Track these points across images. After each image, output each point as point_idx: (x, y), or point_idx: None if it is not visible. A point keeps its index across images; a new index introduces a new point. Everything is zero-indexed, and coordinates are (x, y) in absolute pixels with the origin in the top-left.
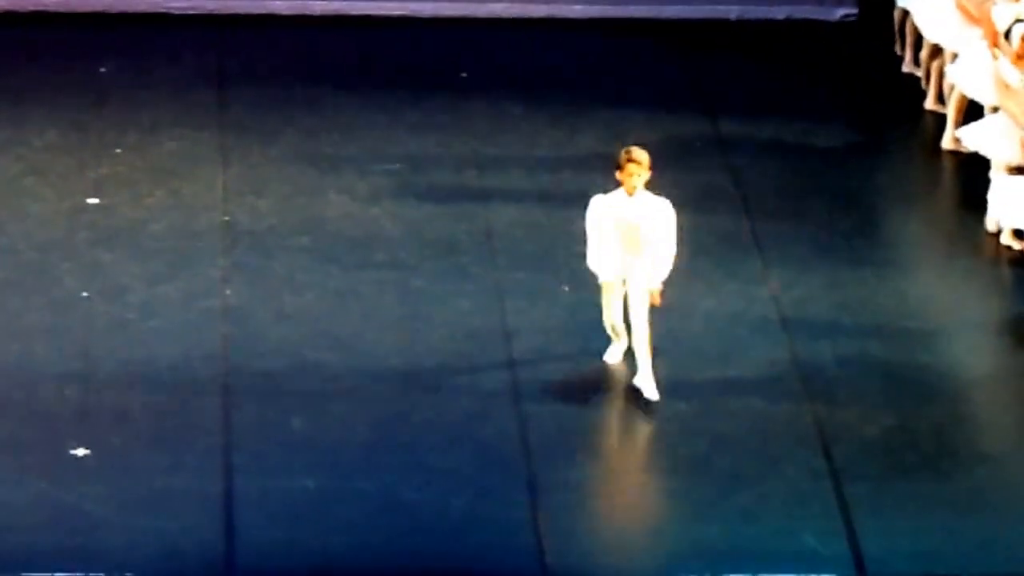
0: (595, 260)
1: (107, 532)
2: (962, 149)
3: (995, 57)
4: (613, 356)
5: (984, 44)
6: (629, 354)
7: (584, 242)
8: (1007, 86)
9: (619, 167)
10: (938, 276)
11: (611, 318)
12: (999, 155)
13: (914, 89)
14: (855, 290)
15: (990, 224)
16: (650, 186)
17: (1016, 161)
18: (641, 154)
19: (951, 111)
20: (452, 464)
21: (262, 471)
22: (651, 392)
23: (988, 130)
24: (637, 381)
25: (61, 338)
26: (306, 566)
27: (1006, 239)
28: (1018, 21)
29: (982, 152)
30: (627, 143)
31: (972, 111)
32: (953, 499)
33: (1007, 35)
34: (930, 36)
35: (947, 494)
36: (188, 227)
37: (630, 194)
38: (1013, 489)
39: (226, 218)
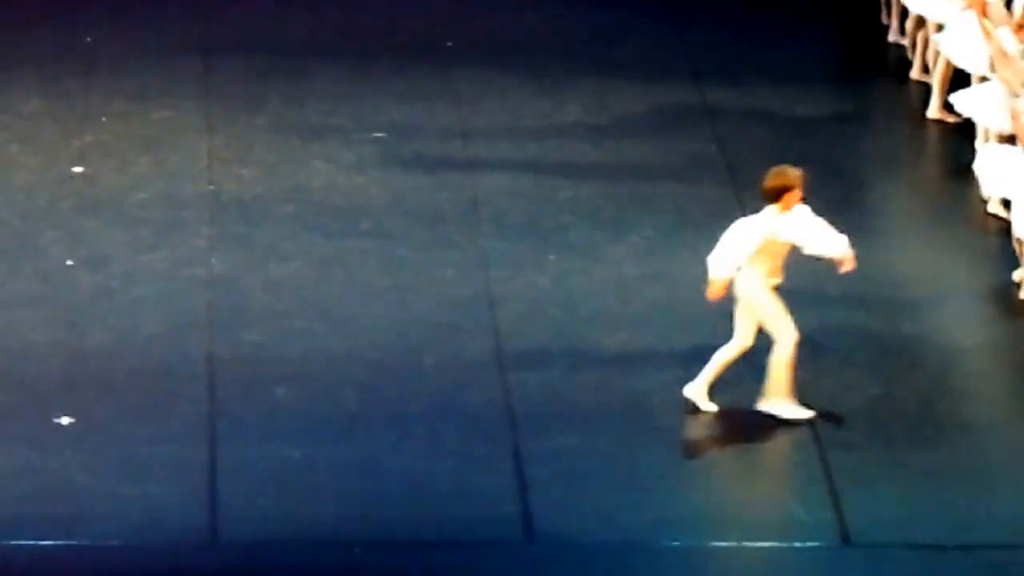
0: (722, 262)
1: (91, 500)
2: (948, 119)
3: (984, 27)
4: None
5: (969, 13)
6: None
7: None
8: (1004, 54)
9: (788, 188)
10: (924, 245)
11: None
12: (991, 123)
13: (900, 59)
14: None
15: (985, 192)
16: (636, 154)
17: (1007, 129)
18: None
19: (936, 81)
20: (437, 433)
21: (246, 440)
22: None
23: (981, 98)
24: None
25: (46, 307)
26: (290, 534)
27: (993, 208)
28: None
29: (975, 119)
30: (613, 112)
31: (957, 81)
32: (938, 468)
33: (1008, 4)
34: (912, 6)
35: (932, 463)
36: (173, 196)
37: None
38: (997, 458)
39: (211, 187)
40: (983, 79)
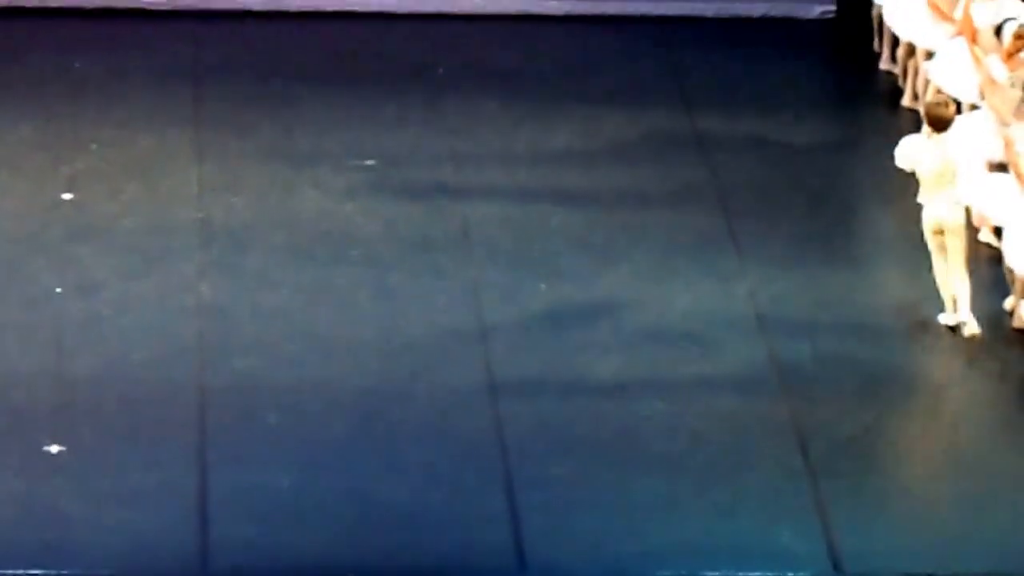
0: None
1: (82, 529)
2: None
3: (974, 54)
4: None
5: (959, 41)
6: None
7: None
8: (992, 82)
9: None
10: (916, 273)
11: None
12: (981, 151)
13: (892, 86)
14: (832, 287)
15: (976, 220)
16: (627, 181)
17: (997, 157)
18: None
19: None
20: (428, 461)
21: (237, 468)
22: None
23: (970, 127)
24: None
25: (35, 334)
26: (281, 563)
27: (984, 236)
28: (1008, 19)
29: (964, 149)
30: (604, 139)
31: None
32: (930, 497)
33: (997, 32)
34: (901, 33)
35: (924, 492)
36: (163, 223)
37: None
38: (989, 487)
39: (201, 214)
40: (973, 107)
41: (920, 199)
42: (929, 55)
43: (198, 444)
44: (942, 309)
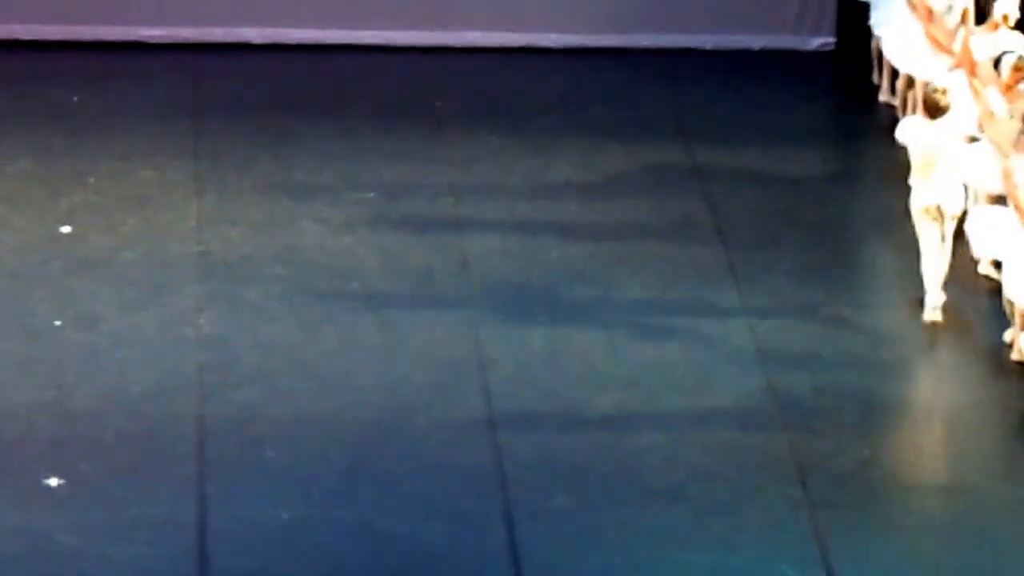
0: None
1: (81, 562)
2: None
3: (973, 87)
4: None
5: (958, 73)
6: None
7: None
8: (991, 115)
9: None
10: (915, 306)
11: None
12: (980, 184)
13: (891, 118)
14: (831, 320)
15: (975, 252)
16: (626, 214)
17: (997, 190)
18: None
19: None
20: (428, 494)
21: (236, 501)
22: None
23: (970, 158)
24: None
25: (34, 367)
26: None
27: (984, 268)
28: (1006, 52)
29: (963, 180)
30: (603, 172)
31: None
32: (929, 529)
33: (996, 65)
34: (900, 65)
35: (923, 524)
36: (162, 256)
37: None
38: (989, 519)
39: (200, 247)
40: (972, 139)
41: (911, 181)
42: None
43: (197, 477)
44: (942, 340)
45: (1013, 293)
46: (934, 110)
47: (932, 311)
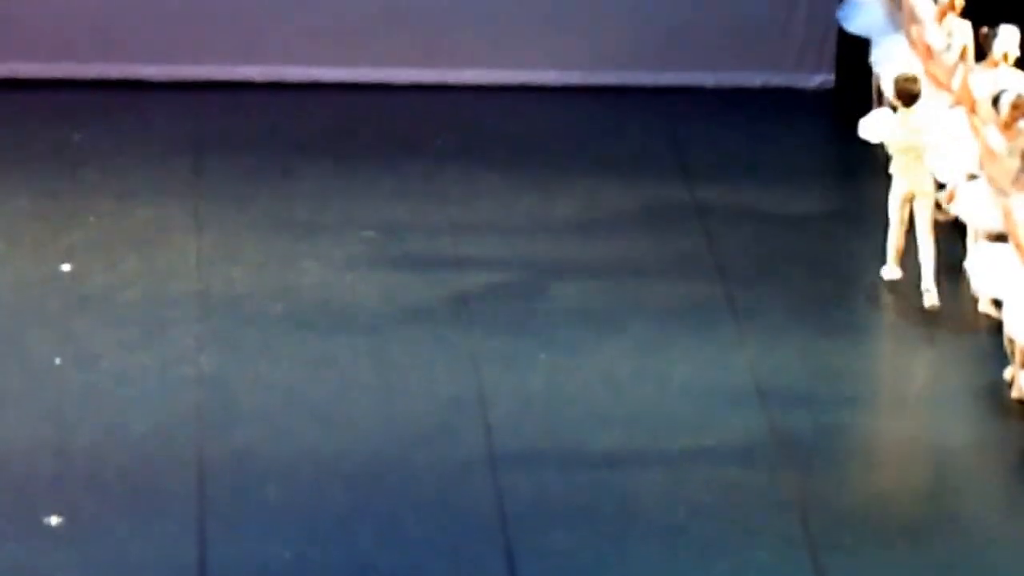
0: None
1: None
2: (939, 217)
3: (973, 124)
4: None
5: (957, 111)
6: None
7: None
8: (991, 152)
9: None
10: (915, 344)
11: None
12: (980, 222)
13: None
14: (831, 357)
15: (975, 290)
16: (626, 252)
17: (997, 228)
18: None
19: None
20: (429, 533)
21: (237, 539)
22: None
23: (970, 196)
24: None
25: (34, 406)
26: None
27: (984, 306)
28: (1005, 90)
29: (964, 219)
30: (603, 209)
31: None
32: (930, 568)
33: (995, 102)
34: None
35: (924, 563)
36: (162, 294)
37: None
38: (990, 557)
39: (200, 285)
40: (972, 177)
41: (892, 170)
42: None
43: (198, 515)
44: (942, 378)
45: (1014, 331)
46: (908, 98)
47: (889, 273)
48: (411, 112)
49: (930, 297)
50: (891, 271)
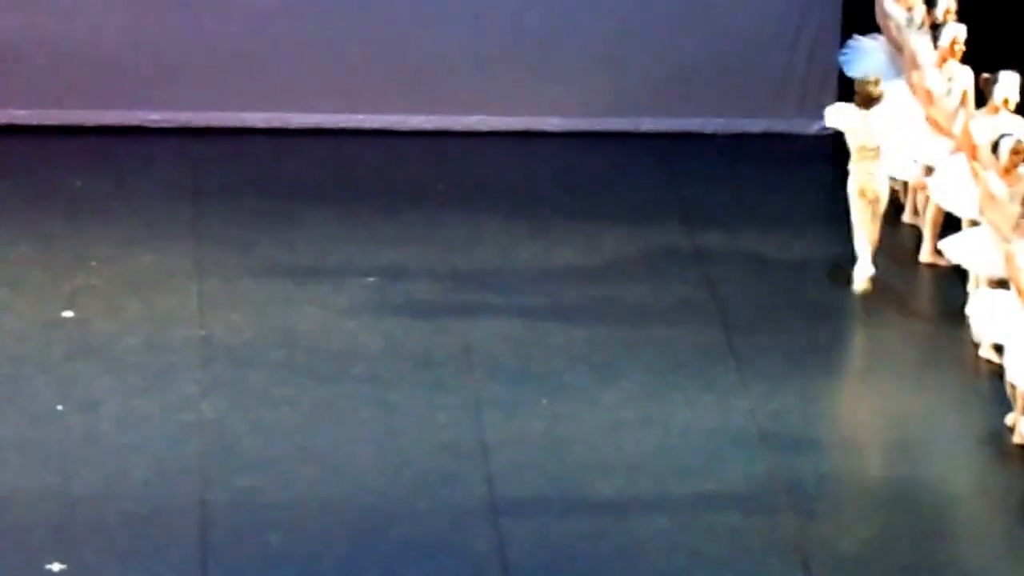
0: None
1: None
2: (940, 262)
3: (974, 170)
4: None
5: (958, 157)
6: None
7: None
8: (992, 198)
9: None
10: (916, 389)
11: None
12: (982, 268)
13: (892, 202)
14: (832, 403)
15: (976, 336)
16: (628, 297)
17: (999, 274)
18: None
19: (928, 225)
20: None
21: None
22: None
23: (971, 242)
24: None
25: (36, 451)
26: None
27: (985, 352)
28: (1005, 135)
29: (964, 265)
30: (604, 255)
31: (948, 225)
32: None
33: (995, 148)
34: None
35: None
36: (164, 340)
37: None
38: None
39: (202, 331)
40: (973, 223)
41: (850, 166)
42: (929, 170)
43: (200, 562)
44: (943, 424)
45: (1015, 376)
46: (867, 100)
47: (860, 280)
48: (412, 158)
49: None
50: (863, 269)
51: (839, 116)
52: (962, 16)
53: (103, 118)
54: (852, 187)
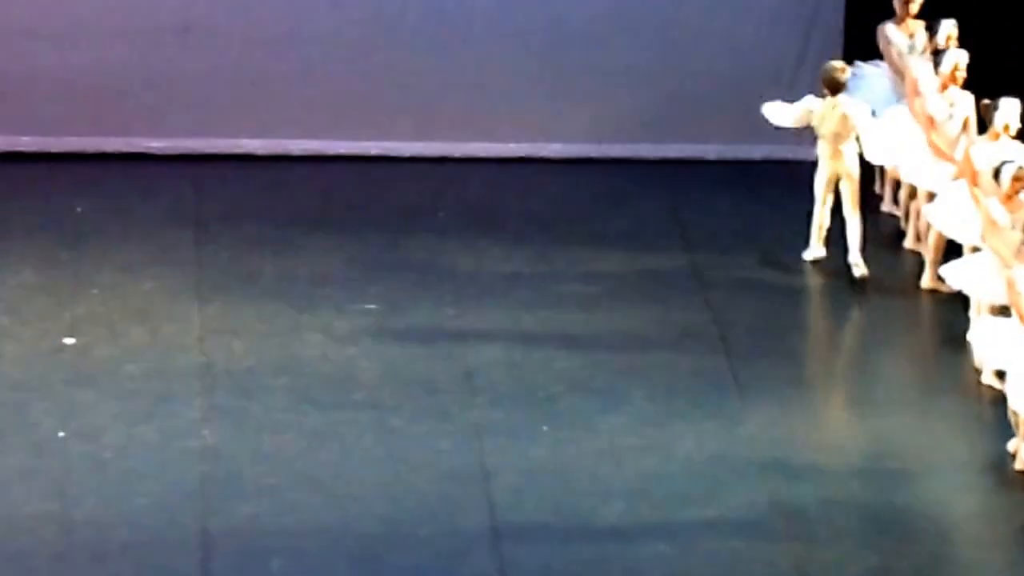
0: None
1: None
2: (942, 288)
3: (975, 196)
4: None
5: (960, 183)
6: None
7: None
8: (994, 224)
9: None
10: (918, 415)
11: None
12: (984, 294)
13: (893, 228)
14: (835, 429)
15: (979, 362)
16: (629, 324)
17: (1000, 300)
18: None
19: (930, 251)
20: None
21: None
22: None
23: (972, 269)
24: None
25: (37, 479)
26: None
27: (987, 378)
28: (1006, 162)
29: (966, 291)
30: (605, 282)
31: (951, 251)
32: None
33: (996, 174)
34: (905, 177)
35: None
36: (165, 367)
37: None
38: None
39: (203, 358)
40: (975, 249)
41: (819, 153)
42: (931, 197)
43: None
44: (946, 451)
45: (1017, 403)
46: (834, 86)
47: (811, 254)
48: (414, 185)
49: (858, 269)
50: (813, 251)
51: (779, 111)
52: (963, 42)
53: (105, 145)
54: (822, 175)
